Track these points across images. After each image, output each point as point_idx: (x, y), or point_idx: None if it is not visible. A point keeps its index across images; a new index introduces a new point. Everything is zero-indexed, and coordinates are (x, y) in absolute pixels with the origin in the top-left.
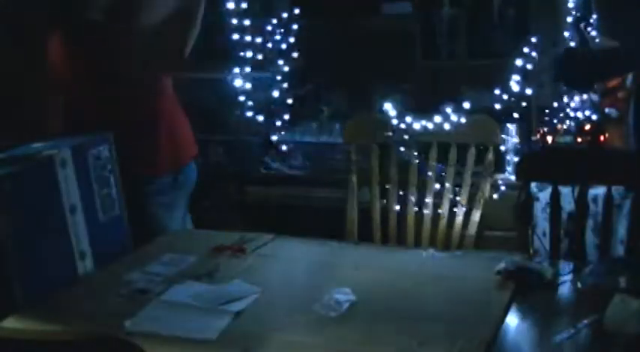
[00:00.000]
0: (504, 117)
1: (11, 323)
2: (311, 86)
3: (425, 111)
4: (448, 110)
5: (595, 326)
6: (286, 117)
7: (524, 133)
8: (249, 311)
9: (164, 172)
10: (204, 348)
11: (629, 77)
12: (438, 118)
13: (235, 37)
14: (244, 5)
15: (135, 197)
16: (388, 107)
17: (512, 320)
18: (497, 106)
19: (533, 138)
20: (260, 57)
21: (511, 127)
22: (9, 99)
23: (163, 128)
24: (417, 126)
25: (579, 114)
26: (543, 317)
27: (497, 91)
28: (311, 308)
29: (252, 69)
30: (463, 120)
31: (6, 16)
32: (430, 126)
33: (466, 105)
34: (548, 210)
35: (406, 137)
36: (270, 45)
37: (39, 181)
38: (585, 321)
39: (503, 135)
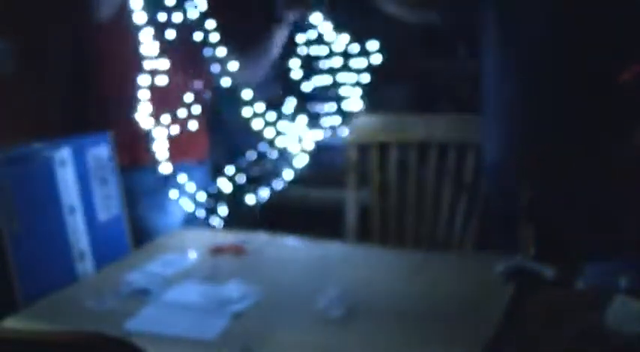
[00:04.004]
0: None
1: (11, 323)
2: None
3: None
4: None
5: (595, 326)
6: None
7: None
8: (249, 311)
9: (144, 165)
10: (204, 348)
11: None
12: (436, 118)
13: None
14: None
15: (129, 194)
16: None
17: (512, 320)
18: None
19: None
20: None
21: None
22: None
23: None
24: (415, 125)
25: None
26: (543, 317)
27: None
28: (311, 308)
29: None
30: (459, 119)
31: None
32: (427, 125)
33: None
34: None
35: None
36: None
37: (38, 181)
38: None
39: None
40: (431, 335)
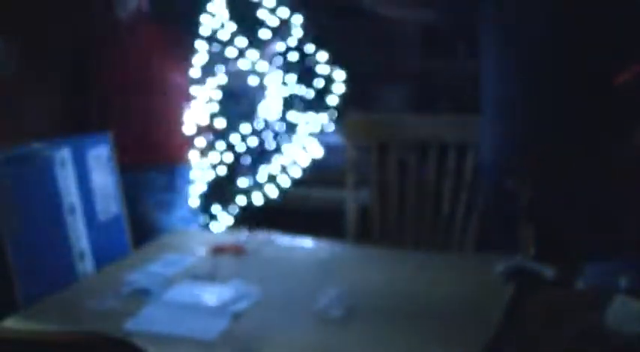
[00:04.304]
0: None
1: (11, 323)
2: None
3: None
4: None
5: (595, 326)
6: None
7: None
8: (249, 311)
9: (154, 166)
10: (204, 348)
11: None
12: (436, 118)
13: None
14: None
15: (129, 195)
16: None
17: (512, 320)
18: None
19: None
20: None
21: None
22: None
23: (163, 122)
24: (415, 125)
25: None
26: (543, 317)
27: None
28: (311, 309)
29: None
30: (459, 119)
31: None
32: (427, 125)
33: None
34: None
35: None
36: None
37: (38, 181)
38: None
39: None
40: (431, 335)
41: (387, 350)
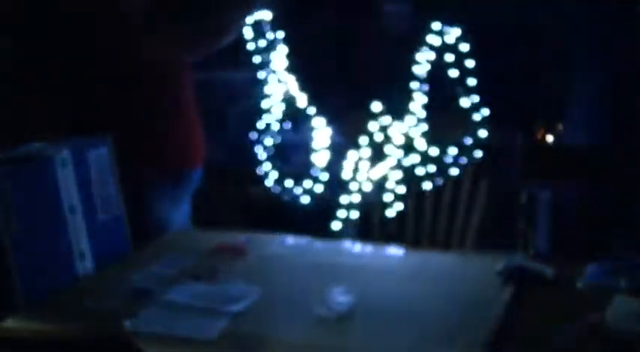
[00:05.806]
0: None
1: (11, 323)
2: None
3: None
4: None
5: (595, 326)
6: None
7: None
8: (249, 311)
9: (169, 174)
10: (204, 348)
11: None
12: (434, 117)
13: None
14: None
15: (141, 192)
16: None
17: (513, 320)
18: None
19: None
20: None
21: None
22: None
23: (181, 127)
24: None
25: None
26: (543, 317)
27: None
28: (311, 309)
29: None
30: (456, 119)
31: None
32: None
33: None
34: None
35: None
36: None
37: (38, 181)
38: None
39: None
40: (431, 335)
41: (387, 350)
